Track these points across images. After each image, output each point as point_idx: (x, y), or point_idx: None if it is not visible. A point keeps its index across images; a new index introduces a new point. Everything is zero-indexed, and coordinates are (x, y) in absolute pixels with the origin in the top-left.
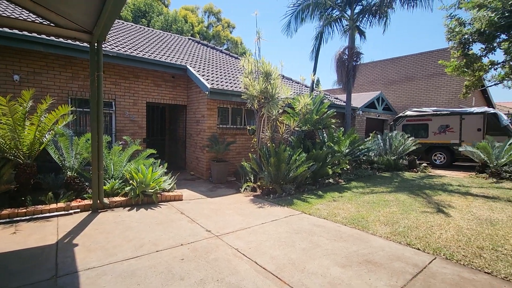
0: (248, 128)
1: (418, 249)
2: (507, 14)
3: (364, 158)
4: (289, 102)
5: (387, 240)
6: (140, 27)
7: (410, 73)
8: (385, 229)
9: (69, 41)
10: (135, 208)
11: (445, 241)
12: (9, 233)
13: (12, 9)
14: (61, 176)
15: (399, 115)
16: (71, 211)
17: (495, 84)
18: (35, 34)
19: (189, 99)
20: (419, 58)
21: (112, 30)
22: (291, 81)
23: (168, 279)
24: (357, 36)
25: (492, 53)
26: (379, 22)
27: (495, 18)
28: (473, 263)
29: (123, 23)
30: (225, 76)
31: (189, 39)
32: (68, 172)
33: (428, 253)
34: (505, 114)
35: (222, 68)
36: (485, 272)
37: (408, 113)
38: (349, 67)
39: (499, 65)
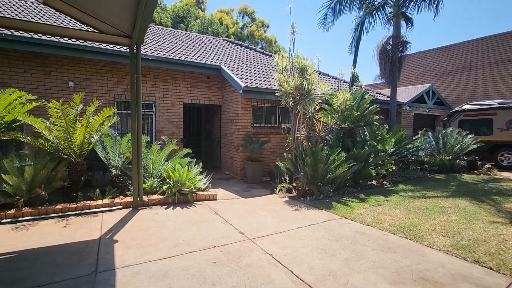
0: (283, 126)
1: (490, 268)
2: None
3: (412, 158)
4: (326, 98)
5: (448, 254)
6: (178, 32)
7: (468, 62)
8: (443, 241)
9: (115, 47)
10: (172, 207)
11: None
12: (61, 227)
13: (55, 18)
14: (108, 174)
15: (454, 110)
16: (114, 208)
17: None
18: (83, 42)
19: (224, 99)
20: (480, 44)
21: (152, 36)
22: (328, 77)
23: (199, 284)
24: (402, 24)
25: None
26: (429, 6)
27: None
28: None
29: (162, 28)
30: (259, 74)
31: (223, 40)
32: (113, 170)
33: (504, 274)
34: None
35: (256, 67)
36: None
37: (466, 107)
38: (393, 58)
39: None
